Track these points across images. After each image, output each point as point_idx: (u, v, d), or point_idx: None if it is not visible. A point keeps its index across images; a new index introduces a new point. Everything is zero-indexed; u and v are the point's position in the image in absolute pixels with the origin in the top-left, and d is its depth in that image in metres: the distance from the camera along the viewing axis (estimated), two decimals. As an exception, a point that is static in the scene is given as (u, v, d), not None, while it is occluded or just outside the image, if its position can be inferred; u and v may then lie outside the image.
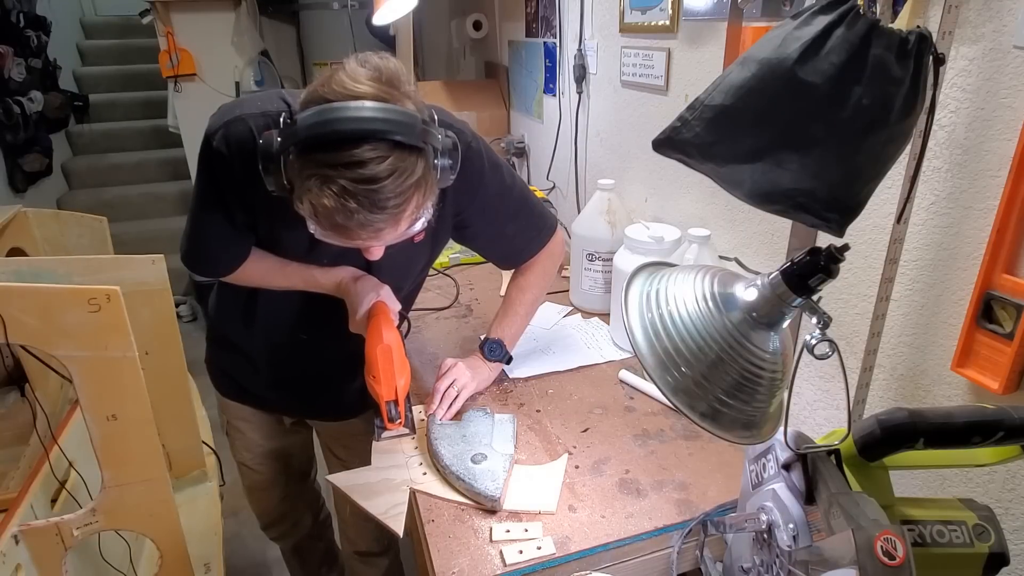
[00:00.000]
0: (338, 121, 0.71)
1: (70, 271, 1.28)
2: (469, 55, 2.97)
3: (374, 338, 0.99)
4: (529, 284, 1.21)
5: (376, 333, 0.99)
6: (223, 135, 0.87)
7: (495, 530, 0.88)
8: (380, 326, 0.99)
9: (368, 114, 0.71)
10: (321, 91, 0.74)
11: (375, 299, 1.02)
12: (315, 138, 0.72)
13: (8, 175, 3.25)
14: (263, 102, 0.90)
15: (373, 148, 0.71)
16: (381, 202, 0.73)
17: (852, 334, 0.98)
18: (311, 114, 0.72)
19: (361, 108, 0.71)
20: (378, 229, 0.77)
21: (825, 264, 0.57)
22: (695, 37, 1.27)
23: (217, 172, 0.90)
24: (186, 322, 3.53)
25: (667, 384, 0.61)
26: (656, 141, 0.73)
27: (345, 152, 0.71)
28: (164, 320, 1.48)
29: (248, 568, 2.00)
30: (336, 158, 0.71)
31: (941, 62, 0.63)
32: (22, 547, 1.03)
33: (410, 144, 0.74)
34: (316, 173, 0.72)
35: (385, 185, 0.72)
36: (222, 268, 1.03)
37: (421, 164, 0.76)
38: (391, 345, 0.98)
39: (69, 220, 1.80)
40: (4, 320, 0.92)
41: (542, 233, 1.18)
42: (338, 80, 0.74)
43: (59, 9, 4.22)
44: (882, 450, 0.64)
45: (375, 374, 0.98)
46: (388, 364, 0.98)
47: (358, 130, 0.71)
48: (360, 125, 0.71)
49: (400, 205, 0.75)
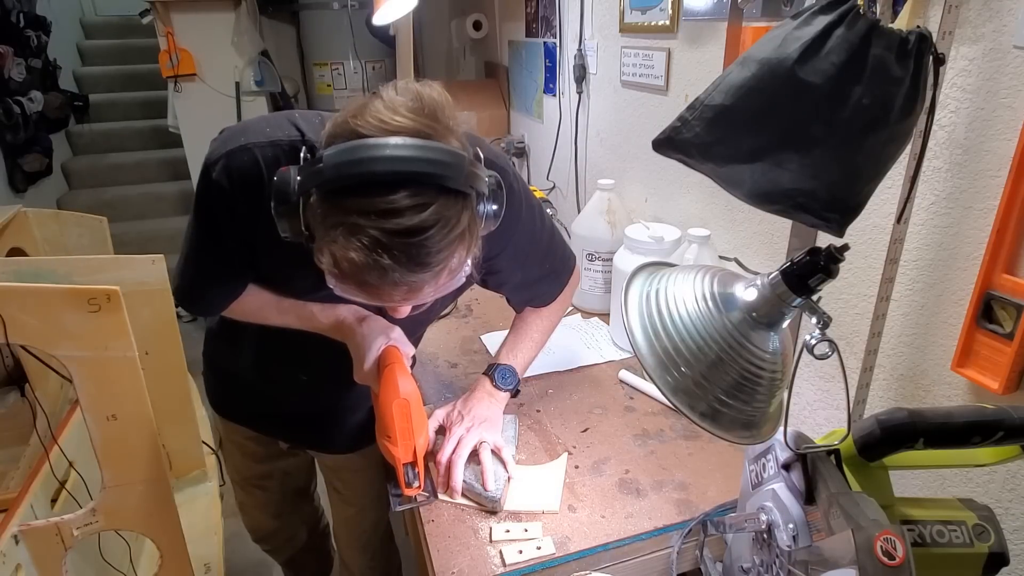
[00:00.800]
0: (373, 161, 0.59)
1: (70, 271, 1.28)
2: (469, 55, 2.97)
3: (388, 392, 0.84)
4: (549, 312, 1.10)
5: (391, 386, 0.84)
6: (224, 166, 0.76)
7: (495, 530, 0.88)
8: (395, 377, 0.84)
9: (409, 153, 0.60)
10: (353, 123, 0.63)
11: (385, 344, 0.87)
12: (344, 179, 0.60)
13: (8, 175, 3.25)
14: (272, 128, 0.79)
15: (414, 195, 0.60)
16: (421, 258, 0.62)
17: (852, 334, 0.98)
18: (340, 151, 0.61)
19: (401, 146, 0.60)
20: (415, 290, 0.66)
21: (825, 264, 0.57)
22: (695, 37, 1.27)
23: (216, 207, 0.79)
24: (186, 322, 3.52)
25: (667, 384, 0.61)
26: (656, 141, 0.73)
27: (381, 198, 0.59)
28: (164, 320, 1.48)
29: (248, 568, 2.00)
30: (369, 205, 0.59)
31: (941, 62, 0.63)
32: (22, 547, 1.03)
33: (455, 189, 0.63)
34: (343, 222, 0.60)
35: (428, 238, 0.61)
36: (216, 308, 0.93)
37: (467, 213, 0.65)
38: (408, 399, 0.84)
39: (69, 220, 1.80)
40: (4, 320, 0.92)
41: (563, 275, 1.09)
42: (374, 111, 0.63)
43: (59, 9, 4.22)
44: (882, 450, 0.64)
45: (390, 434, 0.84)
46: (406, 422, 0.84)
47: (398, 172, 0.59)
48: (400, 166, 0.59)
49: (441, 262, 0.64)
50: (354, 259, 0.61)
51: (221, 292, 0.90)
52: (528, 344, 1.08)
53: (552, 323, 1.12)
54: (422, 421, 0.87)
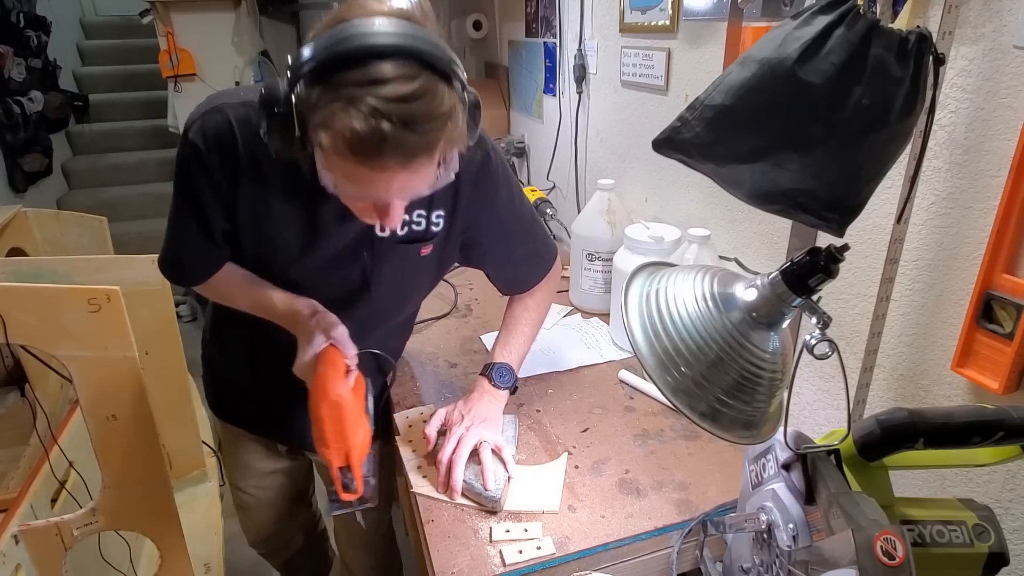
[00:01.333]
0: (363, 36, 0.64)
1: (70, 271, 1.28)
2: (469, 55, 2.97)
3: (318, 393, 0.83)
4: (534, 304, 1.13)
5: (321, 386, 0.83)
6: (199, 127, 0.80)
7: (495, 530, 0.88)
8: (326, 379, 0.83)
9: (396, 29, 0.64)
10: (340, 15, 0.67)
11: (324, 343, 0.86)
12: (337, 56, 0.64)
13: (8, 175, 3.25)
14: (247, 92, 0.83)
15: (402, 65, 0.64)
16: (417, 123, 0.64)
17: (852, 334, 0.98)
18: (331, 34, 0.65)
19: (388, 24, 0.65)
20: (410, 157, 0.67)
21: (825, 264, 0.57)
22: (695, 37, 1.27)
23: (193, 168, 0.82)
24: (186, 322, 3.53)
25: (667, 384, 0.61)
26: (656, 141, 0.73)
27: (373, 68, 0.63)
28: (164, 320, 1.48)
29: (248, 568, 2.00)
30: (364, 75, 0.63)
31: (941, 62, 0.63)
32: (22, 547, 1.03)
33: (440, 69, 0.66)
34: (340, 95, 0.63)
35: (420, 104, 0.64)
36: (195, 278, 0.95)
37: (451, 95, 0.67)
38: (339, 401, 0.82)
39: (69, 220, 1.81)
40: (4, 320, 0.92)
41: (546, 260, 1.12)
42: (358, 2, 0.68)
43: (59, 9, 4.22)
44: (882, 450, 0.64)
45: (321, 436, 0.83)
46: (336, 424, 0.82)
47: (386, 45, 0.63)
48: (388, 40, 0.64)
49: (433, 132, 0.67)
50: (355, 128, 0.63)
51: (200, 261, 0.91)
52: (520, 339, 1.10)
53: (540, 315, 1.14)
54: (359, 423, 0.85)
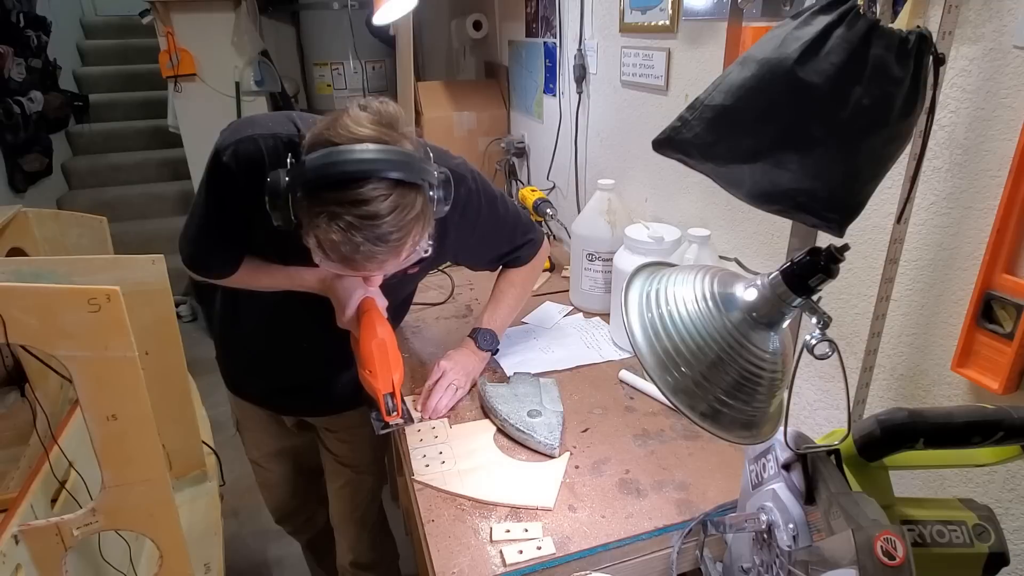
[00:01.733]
0: (344, 163, 0.77)
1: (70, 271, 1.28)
2: (469, 55, 2.97)
3: (368, 334, 1.00)
4: (520, 278, 1.28)
5: (370, 328, 1.00)
6: (233, 152, 0.92)
7: (495, 530, 0.88)
8: (373, 321, 1.01)
9: (370, 155, 0.77)
10: (327, 135, 0.80)
11: (363, 295, 1.03)
12: (323, 179, 0.77)
13: (8, 175, 3.25)
14: (274, 124, 0.95)
15: (376, 186, 0.77)
16: (384, 236, 0.79)
17: (852, 334, 0.98)
18: (319, 156, 0.78)
19: (365, 150, 0.77)
20: (381, 261, 0.83)
21: (825, 264, 0.57)
22: (695, 37, 1.27)
23: (223, 186, 0.95)
24: (186, 322, 3.53)
25: (667, 384, 0.61)
26: (656, 141, 0.73)
27: (351, 191, 0.76)
28: (164, 320, 1.48)
29: (248, 568, 2.00)
30: (343, 196, 0.77)
31: (941, 62, 0.63)
32: (22, 547, 1.03)
33: (409, 181, 0.80)
34: (324, 210, 0.77)
35: (387, 220, 0.78)
36: (224, 271, 1.07)
37: (420, 199, 0.82)
38: (385, 340, 1.00)
39: (69, 220, 1.80)
40: (4, 320, 0.92)
41: (534, 244, 1.26)
42: (342, 124, 0.80)
43: (59, 9, 4.22)
44: (882, 450, 0.64)
45: (371, 368, 0.99)
46: (384, 358, 0.99)
47: (362, 170, 0.77)
48: (364, 166, 0.77)
49: (401, 239, 0.81)
50: (334, 239, 0.78)
51: (223, 257, 1.05)
52: (505, 309, 1.27)
53: (525, 290, 1.31)
54: (398, 359, 1.02)
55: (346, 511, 1.40)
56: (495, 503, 0.94)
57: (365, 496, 1.40)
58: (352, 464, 1.36)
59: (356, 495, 1.39)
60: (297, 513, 1.54)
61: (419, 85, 2.51)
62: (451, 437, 1.08)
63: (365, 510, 1.42)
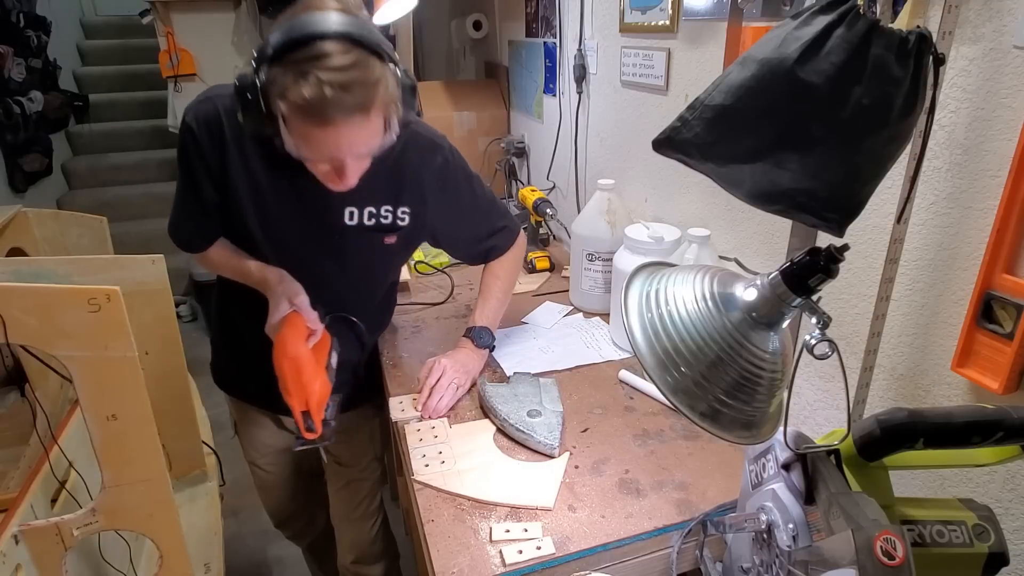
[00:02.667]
0: (307, 24, 0.82)
1: (70, 271, 1.28)
2: (469, 55, 2.97)
3: (279, 351, 0.99)
4: (503, 271, 1.31)
5: (282, 344, 0.99)
6: (193, 114, 1.01)
7: (495, 530, 0.88)
8: (286, 338, 0.99)
9: (333, 18, 0.83)
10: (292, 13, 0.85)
11: (288, 309, 1.02)
12: (286, 43, 0.81)
13: (8, 175, 3.25)
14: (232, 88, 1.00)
15: (337, 43, 0.81)
16: (349, 84, 0.81)
17: (852, 334, 0.98)
18: (284, 28, 0.83)
19: (327, 16, 0.83)
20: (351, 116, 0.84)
21: (825, 264, 0.57)
22: (695, 37, 1.27)
23: (188, 148, 1.02)
24: (186, 322, 3.53)
25: (667, 384, 0.61)
26: (656, 141, 0.73)
27: (316, 46, 0.81)
28: (164, 320, 1.48)
29: (248, 568, 2.00)
30: (309, 52, 0.81)
31: (941, 62, 0.63)
32: (22, 547, 1.03)
33: (369, 46, 0.84)
34: (291, 71, 0.81)
35: (351, 71, 0.81)
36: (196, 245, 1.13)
37: (382, 66, 0.85)
38: (296, 357, 0.98)
39: (69, 220, 1.80)
40: (4, 320, 0.92)
41: (511, 232, 1.30)
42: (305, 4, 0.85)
43: (59, 9, 4.22)
44: (882, 450, 0.64)
45: (283, 386, 0.99)
46: (296, 376, 0.98)
47: (322, 30, 0.81)
48: (326, 27, 0.82)
49: (367, 96, 0.84)
50: (304, 95, 0.80)
51: (198, 230, 1.12)
52: (494, 304, 1.30)
53: (510, 282, 1.33)
54: (315, 376, 1.00)
55: (347, 511, 1.41)
56: (495, 503, 0.94)
57: (365, 496, 1.41)
58: (352, 465, 1.37)
59: (356, 495, 1.39)
60: (296, 516, 1.54)
61: (419, 85, 2.51)
62: (451, 437, 1.08)
63: (365, 510, 1.42)
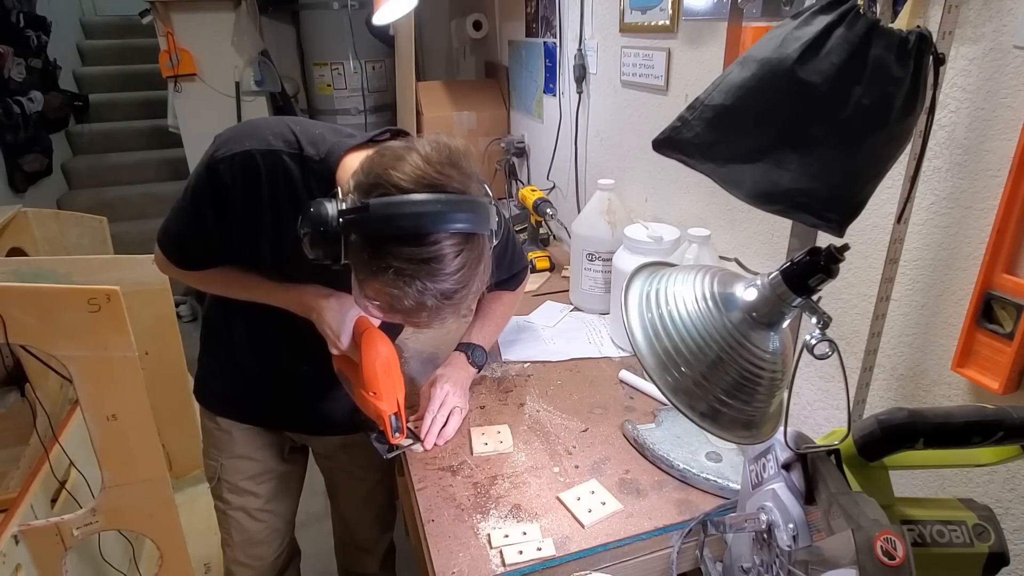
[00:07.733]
0: (415, 216, 0.69)
1: (70, 271, 1.28)
2: (469, 55, 2.97)
3: (370, 353, 0.95)
4: (508, 299, 1.27)
5: (371, 347, 0.95)
6: (229, 166, 0.87)
7: (495, 530, 0.88)
8: (374, 340, 0.96)
9: (443, 208, 0.70)
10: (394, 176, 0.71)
11: (357, 315, 0.97)
12: (391, 230, 0.70)
13: (8, 175, 3.24)
14: (274, 137, 0.89)
15: (448, 242, 0.71)
16: (451, 293, 0.73)
17: (852, 334, 0.98)
18: (389, 204, 0.70)
19: (437, 201, 0.70)
20: (443, 317, 0.78)
21: (825, 264, 0.57)
22: (695, 37, 1.27)
23: (214, 194, 0.89)
24: (186, 322, 3.53)
25: (667, 384, 0.61)
26: (656, 141, 0.73)
27: (422, 247, 0.70)
28: (164, 320, 1.48)
29: (248, 568, 1.99)
30: (414, 253, 0.69)
31: (941, 62, 0.63)
32: (22, 547, 1.03)
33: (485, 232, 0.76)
34: (392, 266, 0.70)
35: (456, 277, 0.73)
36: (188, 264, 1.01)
37: (485, 247, 0.77)
38: (388, 358, 0.96)
39: (69, 220, 1.80)
40: (4, 320, 0.92)
41: (523, 273, 1.28)
42: (412, 165, 0.72)
43: (59, 9, 4.21)
44: (882, 450, 0.64)
45: (375, 390, 0.95)
46: (388, 378, 0.95)
47: (435, 225, 0.70)
48: (437, 220, 0.70)
49: (467, 294, 0.76)
50: (396, 294, 0.71)
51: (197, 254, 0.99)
52: (492, 327, 1.26)
53: (511, 310, 1.30)
54: (400, 377, 0.98)
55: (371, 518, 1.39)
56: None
57: (384, 496, 1.39)
58: (368, 476, 1.32)
59: (378, 498, 1.37)
60: None
61: (419, 85, 2.51)
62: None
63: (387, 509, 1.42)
